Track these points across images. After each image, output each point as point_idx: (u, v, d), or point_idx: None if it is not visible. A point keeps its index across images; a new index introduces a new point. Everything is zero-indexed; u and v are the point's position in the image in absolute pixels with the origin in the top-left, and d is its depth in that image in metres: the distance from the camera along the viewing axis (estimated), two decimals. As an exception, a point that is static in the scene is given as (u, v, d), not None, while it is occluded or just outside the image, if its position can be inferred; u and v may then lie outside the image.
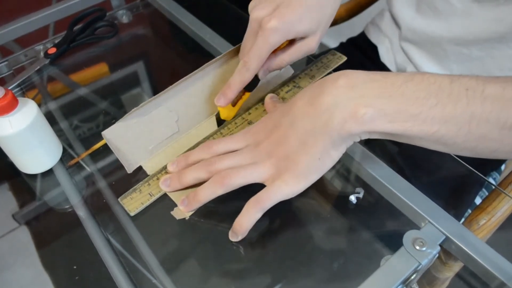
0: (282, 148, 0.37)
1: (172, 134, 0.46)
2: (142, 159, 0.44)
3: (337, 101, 0.34)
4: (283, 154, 0.37)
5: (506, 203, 0.46)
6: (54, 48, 0.59)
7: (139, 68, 0.60)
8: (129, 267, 0.39)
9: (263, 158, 0.38)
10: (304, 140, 0.36)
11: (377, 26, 0.73)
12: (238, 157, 0.39)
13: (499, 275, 0.36)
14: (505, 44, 0.54)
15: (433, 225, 0.39)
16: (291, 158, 0.37)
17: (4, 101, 0.40)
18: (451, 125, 0.32)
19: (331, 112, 0.34)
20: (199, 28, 0.63)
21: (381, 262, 0.38)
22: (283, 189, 0.37)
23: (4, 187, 0.48)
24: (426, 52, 0.64)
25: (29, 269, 0.41)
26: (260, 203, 0.37)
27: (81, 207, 0.43)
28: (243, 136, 0.41)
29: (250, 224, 0.38)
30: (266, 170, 0.38)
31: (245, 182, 0.38)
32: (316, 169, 0.37)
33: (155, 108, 0.44)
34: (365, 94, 0.33)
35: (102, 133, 0.42)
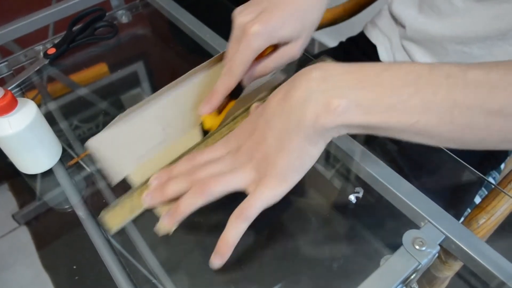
0: (260, 149, 0.36)
1: (159, 143, 0.44)
2: (128, 169, 0.42)
3: (309, 94, 0.32)
4: (262, 156, 0.36)
5: (505, 202, 0.46)
6: (54, 49, 0.59)
7: (138, 68, 0.60)
8: (129, 267, 0.39)
9: (243, 162, 0.37)
10: (280, 138, 0.34)
11: (376, 26, 0.74)
12: (219, 164, 0.38)
13: (499, 274, 0.36)
14: (506, 42, 0.54)
15: (433, 225, 0.39)
16: (270, 159, 0.35)
17: (3, 101, 0.40)
18: (432, 114, 0.30)
19: (304, 106, 0.32)
20: (199, 28, 0.63)
21: (381, 262, 0.38)
22: (266, 194, 0.35)
23: (4, 187, 0.48)
24: (428, 51, 0.64)
25: (29, 269, 0.41)
26: (244, 213, 0.35)
27: (81, 207, 0.43)
28: (224, 143, 0.40)
29: (236, 239, 0.35)
30: (247, 175, 0.36)
31: (227, 190, 0.36)
32: (296, 168, 0.35)
33: (141, 116, 0.43)
34: (339, 85, 0.32)
35: (87, 143, 0.41)
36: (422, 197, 0.41)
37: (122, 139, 0.42)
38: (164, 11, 0.68)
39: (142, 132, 0.43)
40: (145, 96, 0.57)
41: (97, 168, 0.47)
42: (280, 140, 0.34)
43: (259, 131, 0.36)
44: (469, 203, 0.58)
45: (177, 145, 0.45)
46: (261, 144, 0.36)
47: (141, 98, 0.57)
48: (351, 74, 0.32)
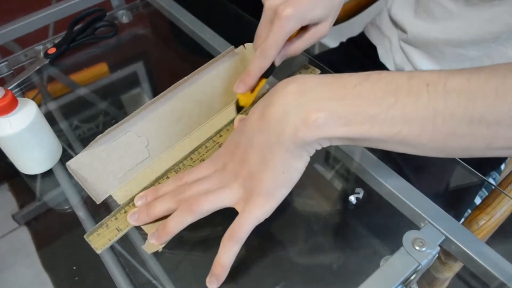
0: (245, 167, 0.36)
1: (143, 160, 0.43)
2: (112, 188, 0.42)
3: (286, 109, 0.32)
4: (247, 174, 0.35)
5: (505, 203, 0.46)
6: (54, 48, 0.59)
7: (139, 68, 0.60)
8: (128, 268, 0.39)
9: (230, 180, 0.37)
10: (263, 155, 0.34)
11: (376, 27, 0.74)
12: (207, 183, 0.38)
13: (499, 275, 0.36)
14: (500, 44, 0.54)
15: (433, 226, 0.39)
16: (255, 177, 0.35)
17: (4, 101, 0.40)
18: (414, 124, 0.30)
19: (282, 121, 0.32)
20: (199, 28, 0.63)
21: (381, 262, 0.38)
22: (254, 213, 0.35)
23: (4, 187, 0.48)
24: (425, 54, 0.64)
25: (29, 269, 0.41)
26: (235, 235, 0.35)
27: (80, 208, 0.43)
28: (211, 162, 0.40)
29: (230, 261, 0.35)
30: (234, 192, 0.36)
31: (215, 207, 0.36)
32: (282, 183, 0.35)
33: (123, 134, 0.42)
34: (316, 98, 0.31)
35: (67, 164, 0.40)
36: (422, 197, 0.41)
37: (104, 158, 0.42)
38: (165, 11, 0.68)
39: (125, 150, 0.43)
40: (146, 96, 0.57)
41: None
42: (263, 157, 0.34)
43: (240, 149, 0.36)
44: (469, 204, 0.58)
45: (162, 161, 0.44)
46: (244, 162, 0.36)
47: (141, 98, 0.57)
48: (328, 85, 0.32)
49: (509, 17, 0.51)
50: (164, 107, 0.45)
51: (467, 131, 0.30)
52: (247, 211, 0.35)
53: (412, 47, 0.65)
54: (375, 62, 0.72)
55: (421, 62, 0.64)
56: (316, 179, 0.46)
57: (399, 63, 0.68)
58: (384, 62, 0.71)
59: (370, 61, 0.73)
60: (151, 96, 0.57)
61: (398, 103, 0.30)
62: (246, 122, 0.36)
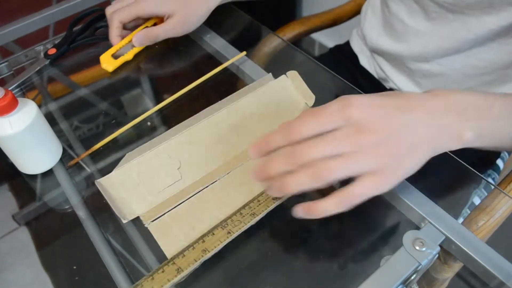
0: (394, 145, 0.34)
1: (174, 182, 0.42)
2: (140, 210, 0.41)
3: (448, 122, 0.36)
4: (394, 152, 0.34)
5: (505, 203, 0.46)
6: (54, 49, 0.59)
7: (139, 68, 0.60)
8: (129, 267, 0.39)
9: (369, 148, 0.34)
10: (417, 146, 0.35)
11: (358, 36, 0.75)
12: (335, 144, 0.34)
13: (499, 275, 0.36)
14: (462, 55, 0.56)
15: (433, 225, 0.39)
16: (398, 159, 0.35)
17: (4, 101, 0.40)
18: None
19: (443, 130, 0.36)
20: (200, 28, 0.63)
21: (381, 262, 0.38)
22: (383, 186, 0.34)
23: (4, 187, 0.48)
24: (395, 68, 0.66)
25: (29, 269, 0.41)
26: (351, 199, 0.34)
27: (81, 208, 0.43)
28: (341, 112, 0.35)
29: (326, 215, 0.34)
30: (370, 163, 0.34)
31: (347, 175, 0.34)
32: (411, 172, 0.36)
33: (155, 155, 0.43)
34: (470, 117, 0.36)
35: (96, 181, 0.41)
36: (422, 197, 0.41)
37: (135, 179, 0.42)
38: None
39: (155, 172, 0.42)
40: (145, 96, 0.57)
41: (97, 168, 0.47)
42: (416, 147, 0.35)
43: (398, 125, 0.35)
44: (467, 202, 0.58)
45: (193, 185, 0.43)
46: (397, 139, 0.35)
47: (141, 99, 0.57)
48: (472, 105, 0.37)
49: (466, 33, 0.53)
50: (200, 131, 0.45)
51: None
52: (374, 183, 0.34)
53: (385, 61, 0.67)
54: (359, 69, 0.74)
55: (394, 76, 0.67)
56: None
57: (380, 72, 0.70)
58: (367, 69, 0.73)
59: (355, 67, 0.74)
60: (151, 97, 0.57)
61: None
62: (414, 108, 0.36)
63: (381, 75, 0.70)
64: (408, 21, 0.59)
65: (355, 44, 0.76)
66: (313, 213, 0.35)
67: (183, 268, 0.37)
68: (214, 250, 0.38)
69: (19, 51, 0.61)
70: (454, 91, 0.37)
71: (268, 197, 0.41)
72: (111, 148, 0.49)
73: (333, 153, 0.34)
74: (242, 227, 0.39)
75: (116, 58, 0.58)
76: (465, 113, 0.36)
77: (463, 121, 0.36)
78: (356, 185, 0.34)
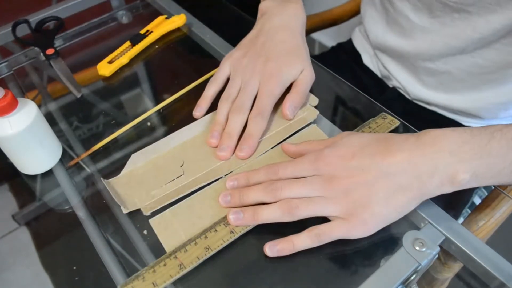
0: (364, 193, 0.36)
1: (176, 178, 0.44)
2: (142, 202, 0.42)
3: (437, 165, 0.35)
4: (364, 200, 0.36)
5: (505, 203, 0.46)
6: (53, 49, 0.59)
7: (139, 68, 0.60)
8: (129, 267, 0.39)
9: (337, 195, 0.37)
10: (393, 194, 0.36)
11: (360, 34, 0.75)
12: (308, 187, 0.38)
13: (499, 275, 0.36)
14: (467, 55, 0.56)
15: (433, 226, 0.39)
16: (370, 206, 0.36)
17: (4, 101, 0.40)
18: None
19: (431, 175, 0.35)
20: (199, 28, 0.63)
21: (381, 263, 0.38)
22: (351, 232, 0.37)
23: (4, 187, 0.48)
24: (399, 64, 0.66)
25: (29, 269, 0.41)
26: (321, 237, 0.37)
27: (81, 208, 0.43)
28: (313, 163, 0.39)
29: (300, 249, 0.38)
30: (338, 208, 0.37)
31: (312, 215, 0.38)
32: (389, 220, 0.37)
33: (160, 157, 0.46)
34: (462, 159, 0.35)
35: (105, 181, 0.44)
36: (422, 198, 0.41)
37: (139, 178, 0.44)
38: (164, 11, 0.68)
39: (160, 171, 0.45)
40: (145, 97, 0.57)
41: (97, 169, 0.47)
42: (392, 195, 0.36)
43: (369, 175, 0.37)
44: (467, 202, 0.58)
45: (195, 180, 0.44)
46: (367, 188, 0.37)
47: (141, 99, 0.57)
48: (467, 144, 0.35)
49: (472, 32, 0.53)
50: (204, 135, 0.48)
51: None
52: (345, 227, 0.37)
53: (389, 58, 0.67)
54: (361, 67, 0.73)
55: (398, 73, 0.66)
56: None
57: (383, 69, 0.70)
58: (370, 68, 0.73)
59: (358, 66, 0.74)
60: (151, 97, 0.57)
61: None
62: (385, 155, 0.37)
63: (384, 73, 0.70)
64: (413, 18, 0.59)
65: (357, 43, 0.76)
66: (284, 249, 0.38)
67: (185, 265, 0.37)
68: (217, 249, 0.38)
69: (19, 51, 0.61)
70: (448, 130, 0.36)
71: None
72: (111, 149, 0.49)
73: (305, 195, 0.38)
74: (246, 227, 0.39)
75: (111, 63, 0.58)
76: (459, 153, 0.35)
77: (457, 162, 0.35)
78: (325, 226, 0.38)
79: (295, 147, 0.44)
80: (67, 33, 0.65)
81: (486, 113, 0.61)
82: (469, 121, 0.64)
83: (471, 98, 0.60)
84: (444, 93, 0.62)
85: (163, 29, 0.62)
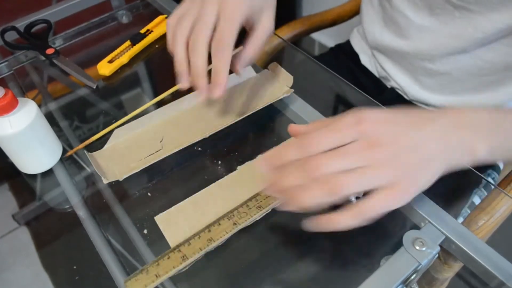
0: (408, 159, 0.34)
1: (155, 152, 0.46)
2: (121, 174, 0.43)
3: (463, 138, 0.36)
4: (407, 166, 0.34)
5: (505, 203, 0.46)
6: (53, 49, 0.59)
7: (139, 68, 0.60)
8: (129, 267, 0.39)
9: (382, 162, 0.34)
10: (430, 162, 0.35)
11: (359, 35, 0.75)
12: (349, 158, 0.34)
13: (499, 274, 0.36)
14: (467, 55, 0.56)
15: (433, 225, 0.39)
16: (412, 173, 0.34)
17: (4, 101, 0.40)
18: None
19: (456, 148, 0.36)
20: (199, 29, 0.63)
21: (381, 262, 0.38)
22: (393, 201, 0.34)
23: (4, 187, 0.48)
24: (397, 64, 0.66)
25: (29, 269, 0.41)
26: (366, 213, 0.34)
27: (81, 207, 0.43)
28: (355, 127, 0.35)
29: (341, 228, 0.34)
30: (383, 178, 0.34)
31: (361, 190, 0.34)
32: (422, 189, 0.36)
33: (142, 133, 0.48)
34: (482, 134, 0.37)
35: (88, 154, 0.45)
36: (422, 197, 0.41)
37: (121, 153, 0.47)
38: (165, 11, 0.68)
39: (140, 146, 0.47)
40: (146, 96, 0.57)
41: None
42: (430, 161, 0.35)
43: (412, 140, 0.35)
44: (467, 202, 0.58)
45: (172, 155, 0.45)
46: (412, 152, 0.34)
47: (141, 98, 0.57)
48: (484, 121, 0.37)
49: (473, 31, 0.52)
50: (184, 114, 0.50)
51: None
52: (391, 197, 0.34)
53: (386, 58, 0.67)
54: (360, 67, 0.74)
55: (396, 74, 0.66)
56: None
57: (381, 70, 0.70)
58: (368, 68, 0.73)
59: (356, 66, 0.74)
60: (151, 97, 0.57)
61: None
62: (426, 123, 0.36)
63: (382, 73, 0.70)
64: (412, 16, 0.58)
65: (355, 43, 0.76)
66: (328, 226, 0.34)
67: (188, 256, 0.37)
68: (219, 240, 0.38)
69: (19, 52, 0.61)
70: (466, 109, 0.38)
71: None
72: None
73: (346, 168, 0.34)
74: (248, 219, 0.39)
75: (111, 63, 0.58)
76: (477, 129, 0.37)
77: (476, 137, 0.36)
78: (370, 199, 0.34)
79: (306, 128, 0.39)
80: (67, 33, 0.65)
81: None
82: None
83: (470, 99, 0.60)
84: (443, 94, 0.62)
85: (163, 29, 0.62)
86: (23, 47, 0.60)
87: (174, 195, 0.43)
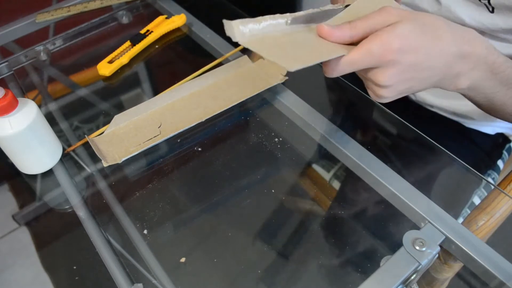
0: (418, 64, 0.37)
1: (153, 137, 0.48)
2: (121, 157, 0.46)
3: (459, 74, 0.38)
4: (414, 66, 0.37)
5: (505, 203, 0.46)
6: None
7: (139, 68, 0.60)
8: (129, 267, 0.39)
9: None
10: (432, 77, 0.38)
11: None
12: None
13: (499, 274, 0.36)
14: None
15: (433, 226, 0.39)
16: (413, 72, 0.37)
17: (4, 101, 0.40)
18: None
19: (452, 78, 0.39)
20: (199, 28, 0.63)
21: (381, 262, 0.38)
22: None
23: (4, 187, 0.48)
24: None
25: (29, 269, 0.41)
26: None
27: (81, 208, 0.43)
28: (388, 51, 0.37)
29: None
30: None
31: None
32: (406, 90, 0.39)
33: (141, 120, 0.50)
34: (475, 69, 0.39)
35: (89, 138, 0.47)
36: (422, 197, 0.41)
37: (120, 138, 0.49)
38: (165, 11, 0.68)
39: (139, 131, 0.49)
40: (145, 96, 0.57)
41: (97, 168, 0.47)
42: (428, 72, 0.38)
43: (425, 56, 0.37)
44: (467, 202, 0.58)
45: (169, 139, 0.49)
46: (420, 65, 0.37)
47: (141, 98, 0.57)
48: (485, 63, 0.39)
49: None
50: (181, 101, 0.52)
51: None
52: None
53: None
54: None
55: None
56: (316, 180, 0.46)
57: None
58: None
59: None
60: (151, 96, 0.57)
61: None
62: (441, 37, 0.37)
63: None
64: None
65: None
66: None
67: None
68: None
69: (19, 51, 0.61)
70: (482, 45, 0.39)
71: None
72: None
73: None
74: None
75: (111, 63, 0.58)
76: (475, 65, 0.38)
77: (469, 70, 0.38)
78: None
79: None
80: (68, 33, 0.65)
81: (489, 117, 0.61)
82: (471, 123, 0.64)
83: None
84: (448, 98, 0.62)
85: (163, 29, 0.62)
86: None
87: (174, 195, 0.43)
